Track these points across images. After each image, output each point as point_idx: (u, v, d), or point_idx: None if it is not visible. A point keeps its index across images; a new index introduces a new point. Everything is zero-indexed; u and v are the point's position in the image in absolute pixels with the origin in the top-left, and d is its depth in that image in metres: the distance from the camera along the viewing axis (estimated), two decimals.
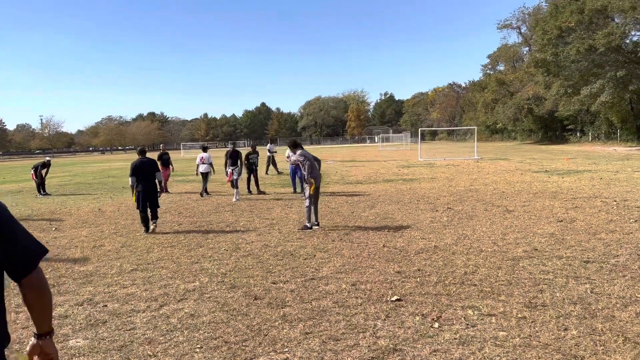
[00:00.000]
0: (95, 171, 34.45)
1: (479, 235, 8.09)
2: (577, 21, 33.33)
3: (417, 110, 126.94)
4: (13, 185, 23.37)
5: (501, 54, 72.33)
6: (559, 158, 29.13)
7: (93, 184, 22.50)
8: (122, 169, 36.06)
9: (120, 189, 19.05)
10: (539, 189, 13.90)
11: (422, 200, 12.68)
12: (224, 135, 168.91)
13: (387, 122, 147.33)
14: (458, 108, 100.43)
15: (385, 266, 6.32)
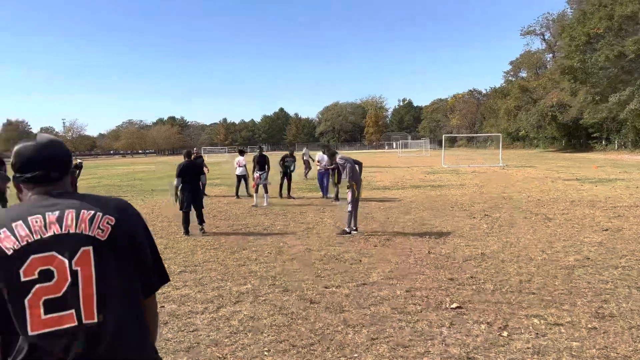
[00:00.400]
0: (120, 174, 34.86)
1: (524, 243, 7.96)
2: (606, 27, 32.88)
3: (436, 116, 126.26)
4: None
5: (524, 61, 71.64)
6: (586, 166, 28.67)
7: (122, 186, 22.75)
8: (147, 172, 36.47)
9: (150, 192, 19.22)
10: (575, 197, 13.67)
11: (455, 206, 12.55)
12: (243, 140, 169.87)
13: (405, 128, 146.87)
14: (478, 115, 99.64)
15: (435, 273, 6.24)
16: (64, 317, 1.34)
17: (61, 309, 1.34)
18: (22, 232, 1.39)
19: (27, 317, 1.31)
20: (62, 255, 1.39)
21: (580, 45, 34.53)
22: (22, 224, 1.41)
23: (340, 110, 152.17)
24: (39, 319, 1.32)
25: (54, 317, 1.33)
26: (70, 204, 1.50)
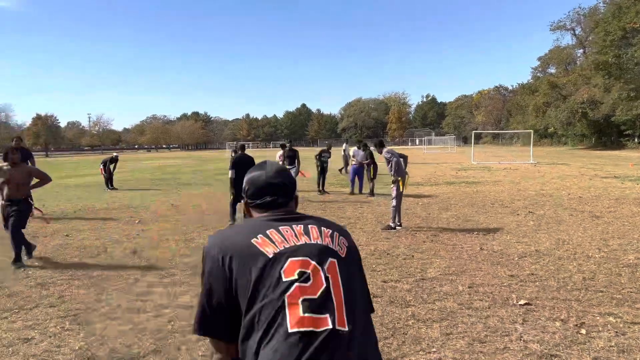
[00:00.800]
0: (149, 168, 35.29)
1: (577, 240, 7.79)
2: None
3: (460, 113, 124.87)
4: (78, 180, 24.17)
5: (553, 56, 70.21)
6: (621, 164, 28.00)
7: (154, 180, 23.03)
8: (176, 166, 36.85)
9: (183, 185, 19.42)
10: (618, 195, 13.36)
11: (496, 203, 12.37)
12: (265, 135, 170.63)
13: (429, 124, 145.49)
14: (504, 111, 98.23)
15: (494, 269, 6.14)
16: (320, 319, 1.41)
17: (318, 311, 1.42)
18: (277, 238, 1.54)
19: (287, 314, 1.40)
20: (315, 262, 1.50)
21: (615, 40, 33.67)
22: (275, 231, 1.56)
23: (362, 106, 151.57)
24: (297, 316, 1.40)
25: (312, 317, 1.40)
26: (309, 220, 1.66)
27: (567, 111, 55.25)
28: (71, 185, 20.85)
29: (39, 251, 7.64)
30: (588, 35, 63.27)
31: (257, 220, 1.65)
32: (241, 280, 1.48)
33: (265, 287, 1.45)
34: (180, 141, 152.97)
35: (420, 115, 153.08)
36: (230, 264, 1.50)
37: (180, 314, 4.73)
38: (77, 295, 5.40)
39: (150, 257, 7.14)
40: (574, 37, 68.22)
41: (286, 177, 1.76)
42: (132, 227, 9.89)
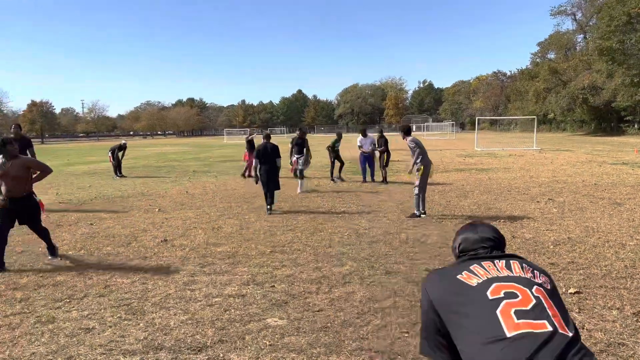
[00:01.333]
0: (151, 155, 35.12)
1: (606, 228, 7.82)
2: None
3: (457, 99, 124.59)
4: (83, 167, 24.05)
5: (553, 42, 69.89)
6: (625, 150, 28.08)
7: (161, 167, 22.93)
8: (179, 153, 36.70)
9: (192, 173, 19.35)
10: (633, 182, 13.41)
11: (513, 190, 12.40)
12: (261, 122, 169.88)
13: (426, 110, 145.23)
14: (502, 97, 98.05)
15: (533, 258, 6.17)
16: (538, 324, 1.60)
17: (532, 318, 1.62)
18: (480, 272, 1.80)
19: (502, 323, 1.60)
20: (521, 286, 1.72)
21: (620, 25, 33.55)
22: (478, 266, 1.83)
23: (359, 92, 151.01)
24: (512, 323, 1.61)
25: (527, 322, 1.61)
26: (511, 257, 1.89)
27: (567, 97, 55.21)
28: (79, 172, 20.74)
29: (69, 240, 7.61)
30: (589, 20, 63.04)
31: (461, 260, 1.94)
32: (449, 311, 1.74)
33: (473, 308, 1.67)
34: (176, 127, 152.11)
35: (417, 102, 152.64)
36: (438, 301, 1.78)
37: (234, 304, 4.73)
38: (122, 284, 5.39)
39: (183, 246, 7.13)
40: (574, 22, 68.00)
41: (497, 232, 2.05)
42: (154, 215, 9.86)
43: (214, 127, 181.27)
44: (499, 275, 1.77)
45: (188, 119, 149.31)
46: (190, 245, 7.20)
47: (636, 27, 32.61)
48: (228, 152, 37.45)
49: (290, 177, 15.24)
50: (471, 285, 1.75)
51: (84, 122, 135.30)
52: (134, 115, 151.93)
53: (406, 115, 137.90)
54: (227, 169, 20.91)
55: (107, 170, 20.94)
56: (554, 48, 70.49)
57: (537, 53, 75.59)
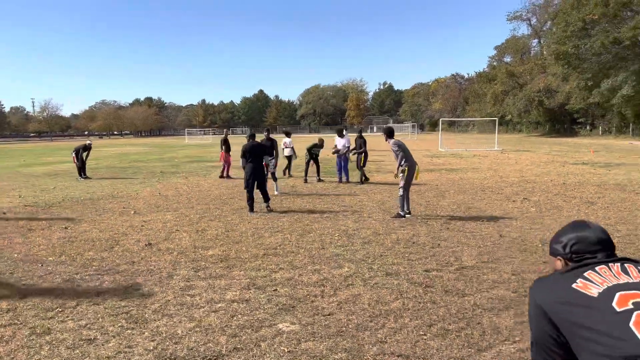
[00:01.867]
0: (113, 155, 34.05)
1: None
2: (601, 14, 33.25)
3: (417, 100, 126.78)
4: (41, 168, 23.07)
5: (509, 46, 72.10)
6: (581, 151, 29.19)
7: (126, 168, 22.25)
8: (141, 154, 35.77)
9: (160, 174, 18.85)
10: (598, 181, 13.91)
11: (487, 190, 12.64)
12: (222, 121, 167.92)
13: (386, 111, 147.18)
14: (460, 99, 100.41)
15: (525, 256, 6.27)
16: None
17: None
18: (596, 279, 1.67)
19: (637, 334, 1.49)
20: None
21: (575, 30, 34.89)
22: (592, 272, 1.70)
23: (321, 92, 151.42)
24: None
25: None
26: (625, 260, 1.76)
27: (524, 99, 57.02)
28: (38, 173, 19.87)
29: (45, 245, 7.24)
30: (543, 26, 65.33)
31: (572, 267, 1.80)
32: (566, 322, 1.64)
33: (599, 321, 1.56)
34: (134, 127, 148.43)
35: (377, 103, 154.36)
36: (552, 311, 1.68)
37: (239, 309, 4.57)
38: (115, 291, 5.14)
39: (170, 250, 6.89)
40: (529, 27, 70.31)
41: (607, 232, 1.90)
42: (130, 217, 9.52)
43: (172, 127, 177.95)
44: (619, 283, 1.65)
45: (146, 119, 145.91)
46: (177, 249, 6.96)
47: (590, 32, 34.03)
48: (192, 152, 36.79)
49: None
50: (592, 295, 1.64)
51: (36, 121, 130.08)
52: (89, 114, 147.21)
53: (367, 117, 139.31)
54: (196, 169, 20.49)
55: (70, 172, 20.17)
56: (511, 52, 72.74)
57: (494, 56, 77.82)
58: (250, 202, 9.77)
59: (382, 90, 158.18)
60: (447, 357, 3.58)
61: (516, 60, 71.26)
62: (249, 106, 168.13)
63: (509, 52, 73.57)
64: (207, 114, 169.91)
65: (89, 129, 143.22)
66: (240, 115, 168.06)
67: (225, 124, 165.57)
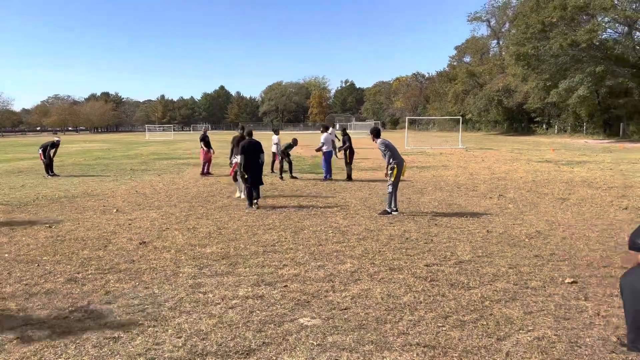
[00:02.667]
0: (75, 152, 33.02)
1: (565, 221, 8.46)
2: (559, 17, 34.60)
3: (378, 99, 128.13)
4: (2, 166, 22.21)
5: (469, 46, 73.98)
6: (542, 149, 30.31)
7: (92, 165, 21.68)
8: (104, 150, 34.86)
9: (131, 171, 18.48)
10: (565, 178, 14.54)
11: (462, 187, 13.03)
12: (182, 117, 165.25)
13: (348, 109, 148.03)
14: (421, 98, 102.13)
15: (516, 251, 6.55)
16: None
17: None
18: None
19: None
20: None
21: (535, 32, 36.18)
22: None
23: (283, 89, 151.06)
24: None
25: None
26: None
27: (484, 99, 58.66)
28: (1, 172, 19.11)
29: (35, 244, 7.07)
30: (502, 27, 67.29)
31: None
32: None
33: None
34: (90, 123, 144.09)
35: (340, 101, 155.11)
36: None
37: (256, 305, 4.64)
38: (124, 289, 5.10)
39: (166, 248, 6.85)
40: (489, 28, 72.26)
41: None
42: (114, 216, 9.36)
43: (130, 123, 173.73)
44: None
45: (103, 115, 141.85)
46: (174, 247, 6.93)
47: (549, 34, 35.36)
48: (158, 149, 36.11)
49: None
50: None
51: None
52: (42, 109, 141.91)
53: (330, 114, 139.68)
54: (167, 167, 20.18)
55: (34, 169, 19.54)
56: (471, 52, 74.58)
57: (454, 56, 79.55)
58: (250, 197, 9.99)
59: (344, 88, 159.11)
60: (471, 346, 3.76)
61: (476, 60, 73.17)
62: (209, 102, 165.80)
63: (469, 52, 75.47)
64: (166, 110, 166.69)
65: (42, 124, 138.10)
66: (200, 112, 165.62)
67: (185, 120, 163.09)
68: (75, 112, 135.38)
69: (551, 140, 44.17)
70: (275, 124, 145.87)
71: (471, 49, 73.83)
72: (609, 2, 31.61)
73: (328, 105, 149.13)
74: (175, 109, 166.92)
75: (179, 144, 45.35)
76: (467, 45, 74.77)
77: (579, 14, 35.07)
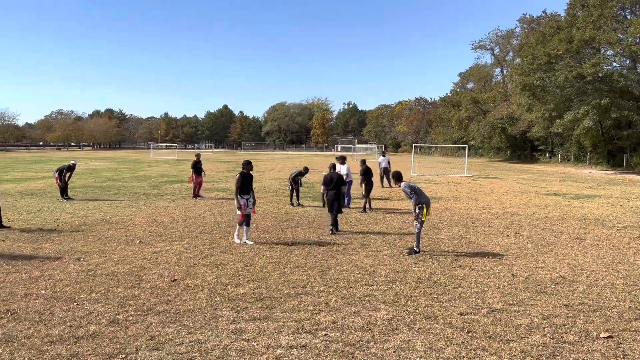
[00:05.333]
0: (82, 172, 33.16)
1: (586, 265, 8.56)
2: (565, 50, 35.19)
3: (381, 122, 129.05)
4: (13, 185, 22.34)
5: (473, 73, 74.93)
6: (547, 179, 30.48)
7: (104, 188, 21.82)
8: (111, 170, 35.02)
9: (144, 195, 18.62)
10: (577, 215, 14.66)
11: (477, 223, 13.14)
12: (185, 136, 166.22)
13: (350, 131, 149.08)
14: (424, 122, 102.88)
15: (545, 299, 6.64)
16: None
17: None
18: None
19: None
20: None
21: (541, 64, 36.76)
22: None
23: (286, 110, 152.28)
24: None
25: None
26: None
27: (488, 126, 59.18)
28: (14, 192, 19.24)
29: (67, 280, 7.16)
30: (505, 56, 68.19)
31: None
32: None
33: None
34: (93, 139, 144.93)
35: (342, 122, 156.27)
36: None
37: (301, 356, 4.72)
38: (167, 334, 5.19)
39: (198, 287, 6.94)
40: (492, 56, 73.19)
41: None
42: (138, 248, 9.46)
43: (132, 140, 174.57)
44: None
45: (106, 131, 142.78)
46: (206, 285, 7.03)
47: (555, 66, 35.91)
48: (165, 170, 36.32)
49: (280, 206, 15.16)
50: None
51: None
52: (45, 124, 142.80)
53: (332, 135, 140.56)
54: (179, 192, 20.31)
55: (47, 191, 19.70)
56: (474, 79, 75.43)
57: (458, 83, 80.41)
58: (335, 224, 11.31)
59: (346, 110, 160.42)
60: None
61: (479, 87, 74.00)
62: (213, 121, 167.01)
63: (472, 79, 76.40)
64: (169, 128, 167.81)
65: (45, 139, 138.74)
66: (203, 130, 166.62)
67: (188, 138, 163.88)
68: (79, 128, 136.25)
69: (555, 169, 44.44)
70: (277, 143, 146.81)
71: (475, 76, 74.77)
72: (614, 37, 32.24)
73: (330, 126, 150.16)
74: (178, 127, 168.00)
75: (185, 164, 45.56)
76: (471, 72, 75.75)
77: (584, 47, 35.71)
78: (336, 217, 11.34)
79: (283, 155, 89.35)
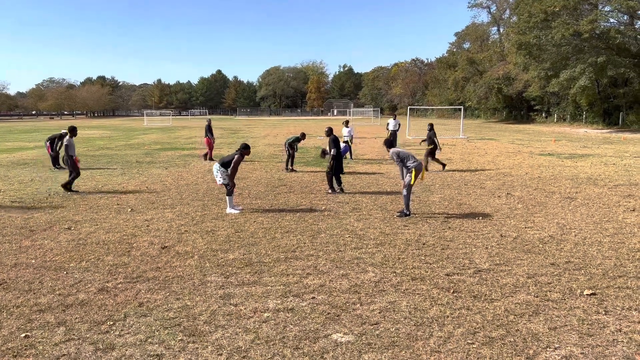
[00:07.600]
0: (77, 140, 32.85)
1: (575, 224, 8.61)
2: (562, 6, 34.51)
3: (377, 84, 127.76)
4: (4, 156, 22.22)
5: (469, 32, 73.76)
6: (542, 139, 30.44)
7: (97, 156, 21.74)
8: (104, 139, 34.81)
9: (137, 163, 18.55)
10: (570, 175, 14.69)
11: (469, 184, 13.16)
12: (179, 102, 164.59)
13: (346, 95, 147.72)
14: (420, 84, 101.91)
15: (531, 258, 6.71)
16: None
17: None
18: None
19: None
20: None
21: (537, 22, 36.11)
22: None
23: (281, 74, 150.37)
24: None
25: None
26: None
27: (484, 86, 58.65)
28: (5, 163, 19.16)
29: (57, 249, 7.19)
30: (502, 14, 67.01)
31: None
32: None
33: None
34: (86, 107, 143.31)
35: (337, 86, 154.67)
36: None
37: (288, 319, 4.78)
38: (156, 301, 5.24)
39: (188, 253, 6.98)
40: (489, 14, 71.93)
41: None
42: (130, 216, 9.47)
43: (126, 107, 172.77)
44: None
45: (99, 99, 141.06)
46: (196, 252, 7.06)
47: (551, 24, 35.31)
48: (159, 137, 36.12)
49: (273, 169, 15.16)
50: None
51: None
52: (37, 93, 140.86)
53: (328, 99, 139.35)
54: (172, 159, 20.24)
55: (39, 160, 19.58)
56: (471, 39, 74.31)
57: (454, 43, 79.23)
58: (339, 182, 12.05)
59: (342, 73, 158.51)
60: None
61: (475, 47, 72.97)
62: (206, 87, 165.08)
63: (469, 38, 75.27)
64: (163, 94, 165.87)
65: (38, 108, 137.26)
66: (197, 96, 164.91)
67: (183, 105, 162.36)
68: (72, 97, 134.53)
69: (551, 129, 44.35)
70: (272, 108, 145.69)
71: (471, 35, 73.63)
72: None
73: (326, 90, 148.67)
74: (172, 94, 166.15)
75: (179, 131, 45.30)
76: (467, 31, 74.54)
77: (581, 3, 35.03)
78: (339, 179, 12.14)
79: (278, 120, 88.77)
